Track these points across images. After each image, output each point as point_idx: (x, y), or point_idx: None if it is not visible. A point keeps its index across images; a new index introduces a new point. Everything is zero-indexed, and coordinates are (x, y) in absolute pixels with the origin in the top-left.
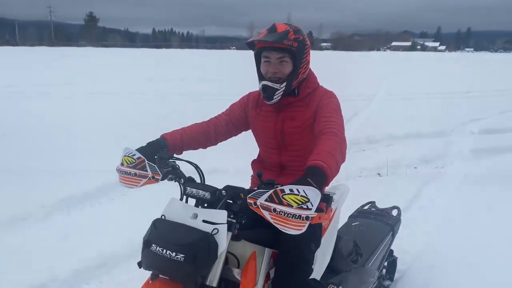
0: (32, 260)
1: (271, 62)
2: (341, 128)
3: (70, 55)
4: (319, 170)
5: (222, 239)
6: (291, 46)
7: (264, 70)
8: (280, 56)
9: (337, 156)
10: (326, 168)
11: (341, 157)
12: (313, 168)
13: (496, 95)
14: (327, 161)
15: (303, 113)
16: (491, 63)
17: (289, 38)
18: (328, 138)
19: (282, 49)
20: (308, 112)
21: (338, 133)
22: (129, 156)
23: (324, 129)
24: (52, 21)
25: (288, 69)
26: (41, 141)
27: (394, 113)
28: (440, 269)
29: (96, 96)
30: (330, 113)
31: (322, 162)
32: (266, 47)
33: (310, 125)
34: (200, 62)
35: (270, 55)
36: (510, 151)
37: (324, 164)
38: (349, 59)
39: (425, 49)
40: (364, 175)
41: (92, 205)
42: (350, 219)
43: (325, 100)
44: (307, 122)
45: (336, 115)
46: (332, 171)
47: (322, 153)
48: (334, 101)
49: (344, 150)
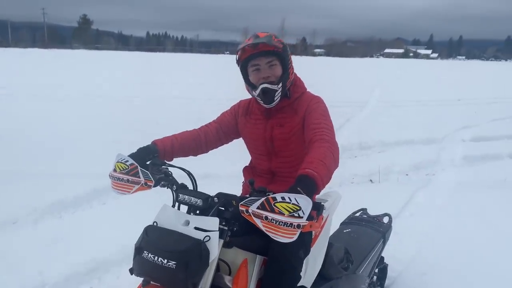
0: (23, 264)
1: (261, 68)
2: (331, 133)
3: (63, 57)
4: (309, 178)
5: (214, 246)
6: (278, 48)
7: (256, 78)
8: (269, 60)
9: (329, 163)
10: (317, 176)
11: (334, 163)
12: (303, 177)
13: (487, 102)
14: (318, 170)
15: (291, 119)
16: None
17: (274, 41)
18: (319, 145)
19: (270, 53)
20: (296, 118)
21: (329, 139)
22: (122, 162)
23: (315, 137)
24: (45, 23)
25: (279, 71)
26: (33, 144)
27: (386, 119)
28: (431, 276)
29: (89, 99)
30: (318, 119)
31: (312, 171)
32: (254, 54)
33: (299, 131)
34: (194, 66)
35: (258, 62)
36: (500, 159)
37: (315, 173)
38: (342, 65)
39: (417, 56)
40: (356, 181)
41: (83, 209)
42: (342, 226)
43: (313, 106)
44: (295, 128)
45: (325, 121)
46: (323, 180)
47: (313, 161)
48: (321, 106)
49: (336, 156)
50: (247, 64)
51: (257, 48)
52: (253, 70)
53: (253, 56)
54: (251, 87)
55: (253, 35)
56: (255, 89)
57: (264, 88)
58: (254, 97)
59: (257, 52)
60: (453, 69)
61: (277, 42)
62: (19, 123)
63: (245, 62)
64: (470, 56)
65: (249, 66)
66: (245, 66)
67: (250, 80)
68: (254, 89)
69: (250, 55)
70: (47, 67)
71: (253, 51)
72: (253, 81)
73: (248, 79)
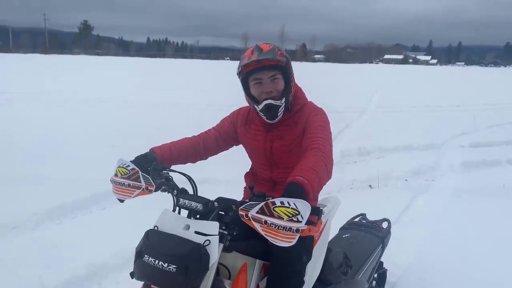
0: (22, 269)
1: (263, 82)
2: (327, 144)
3: (63, 63)
4: (298, 186)
5: (214, 251)
6: (281, 62)
7: (258, 92)
8: (272, 74)
9: (321, 173)
10: (307, 184)
11: (326, 174)
12: (293, 184)
13: (485, 108)
14: (309, 177)
15: (291, 132)
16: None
17: (278, 54)
18: (312, 154)
19: (273, 67)
20: (296, 130)
21: (323, 149)
22: (123, 167)
23: (310, 145)
24: (46, 28)
25: (282, 85)
26: (33, 149)
27: (385, 125)
28: (430, 281)
29: (89, 104)
30: (317, 129)
31: (302, 178)
32: (257, 68)
33: (299, 143)
34: (194, 71)
35: (261, 76)
36: (499, 165)
37: (305, 180)
38: (341, 71)
39: (417, 62)
40: (355, 186)
41: (83, 214)
42: (341, 231)
43: (313, 117)
44: (295, 141)
45: (322, 132)
46: (313, 187)
47: (304, 169)
48: (321, 118)
49: (329, 167)
50: (249, 77)
51: (260, 63)
52: (254, 84)
53: (255, 70)
54: (252, 100)
55: (256, 48)
56: (258, 104)
57: (268, 105)
58: (257, 111)
59: (260, 66)
60: (452, 75)
61: (280, 56)
62: (19, 128)
63: (247, 75)
64: (469, 62)
65: (251, 79)
66: (246, 78)
67: (252, 93)
68: (256, 103)
69: (253, 69)
70: (47, 72)
71: (256, 66)
72: (254, 95)
73: (249, 92)
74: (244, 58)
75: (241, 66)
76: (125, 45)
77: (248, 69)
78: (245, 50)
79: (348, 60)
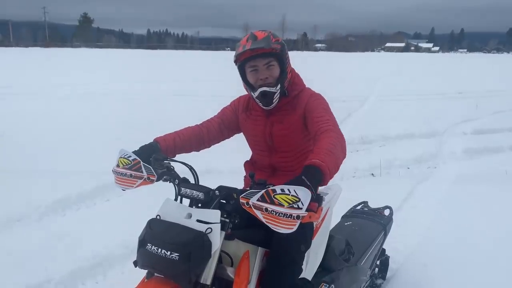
0: (28, 261)
1: (259, 69)
2: (336, 125)
3: (64, 56)
4: (316, 168)
5: (216, 238)
6: (276, 49)
7: (253, 79)
8: (267, 62)
9: (337, 153)
10: (324, 166)
11: (342, 153)
12: (310, 167)
13: (488, 95)
14: (326, 160)
15: (290, 116)
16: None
17: (272, 42)
18: (326, 136)
19: (268, 54)
20: (295, 115)
21: (335, 129)
22: (125, 157)
23: (321, 129)
24: (46, 21)
25: (277, 72)
26: (36, 142)
27: (388, 113)
28: (432, 267)
29: (91, 97)
30: (321, 113)
31: (319, 161)
32: (252, 56)
33: (298, 128)
34: (195, 62)
35: (256, 63)
36: (501, 152)
37: (322, 163)
38: (343, 59)
39: (419, 50)
40: (357, 175)
41: (87, 206)
42: (343, 218)
43: (314, 102)
44: (294, 125)
45: (328, 114)
46: (330, 170)
47: (321, 152)
48: (322, 102)
49: (344, 145)
50: (245, 64)
51: (254, 51)
52: (251, 71)
53: (250, 58)
54: (249, 87)
55: (251, 36)
56: (254, 91)
57: (263, 92)
58: (253, 98)
59: (254, 54)
60: (454, 62)
61: (275, 43)
62: (21, 121)
63: (243, 63)
64: (471, 49)
65: (247, 66)
66: (242, 66)
67: (248, 79)
68: (252, 90)
69: (248, 56)
70: (48, 65)
71: (251, 54)
72: (251, 82)
73: (246, 79)
74: (239, 47)
75: (237, 54)
76: (126, 37)
77: (244, 57)
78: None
79: (349, 49)
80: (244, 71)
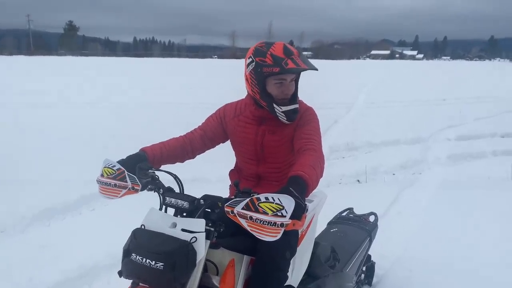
0: (12, 272)
1: (284, 83)
2: (320, 146)
3: (49, 64)
4: (301, 179)
5: (201, 247)
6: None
7: (277, 91)
8: (293, 77)
9: (317, 170)
10: (308, 178)
11: (320, 172)
12: (295, 178)
13: (471, 102)
14: (309, 172)
15: (283, 128)
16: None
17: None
18: (309, 154)
19: None
20: (288, 127)
21: (318, 151)
22: (109, 167)
23: (305, 146)
24: (30, 29)
25: (294, 88)
26: (21, 151)
27: (373, 120)
28: (418, 273)
29: (77, 106)
30: (310, 131)
31: (303, 173)
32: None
33: (289, 140)
34: (182, 70)
35: (286, 78)
36: (484, 157)
37: (306, 175)
38: (329, 67)
39: (403, 57)
40: (343, 182)
41: (72, 216)
42: (329, 225)
43: (307, 118)
44: (286, 137)
45: (315, 134)
46: (312, 182)
47: (304, 165)
48: (315, 119)
49: (322, 166)
50: (271, 76)
51: (301, 69)
52: (276, 83)
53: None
54: (266, 97)
55: (287, 50)
56: (277, 105)
57: (295, 109)
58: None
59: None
60: (438, 69)
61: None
62: (5, 130)
63: (269, 74)
64: (454, 56)
65: (273, 78)
66: (267, 75)
67: (268, 90)
68: (274, 102)
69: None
70: (33, 74)
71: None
72: (272, 93)
73: (263, 87)
74: (277, 59)
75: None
76: (112, 45)
77: (277, 71)
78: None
79: (335, 57)
80: (265, 81)
